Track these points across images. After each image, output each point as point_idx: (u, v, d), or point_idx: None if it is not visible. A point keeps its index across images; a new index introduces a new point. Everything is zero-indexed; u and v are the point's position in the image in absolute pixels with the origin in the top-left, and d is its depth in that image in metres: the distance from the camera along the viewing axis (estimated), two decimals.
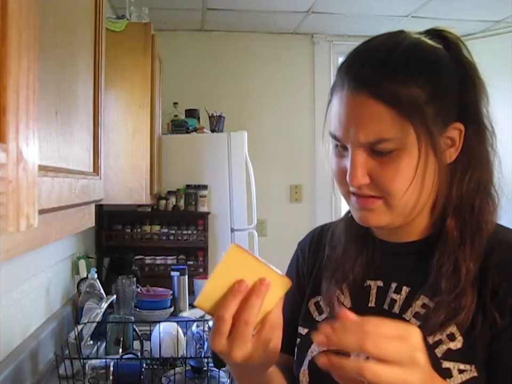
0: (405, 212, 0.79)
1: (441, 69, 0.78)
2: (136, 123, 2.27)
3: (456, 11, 3.27)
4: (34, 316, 1.78)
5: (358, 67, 0.77)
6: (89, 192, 0.83)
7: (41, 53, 0.49)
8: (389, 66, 0.75)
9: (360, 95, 0.74)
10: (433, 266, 0.79)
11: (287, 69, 3.80)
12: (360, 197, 0.78)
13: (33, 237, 0.56)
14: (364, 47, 0.81)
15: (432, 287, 0.78)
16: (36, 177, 0.42)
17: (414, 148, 0.75)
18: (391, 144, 0.74)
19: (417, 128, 0.74)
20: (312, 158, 3.77)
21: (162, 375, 1.67)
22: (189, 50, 3.70)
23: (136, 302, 2.40)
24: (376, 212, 0.78)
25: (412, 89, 0.73)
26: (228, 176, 3.12)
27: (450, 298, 0.75)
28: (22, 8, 0.39)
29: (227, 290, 0.68)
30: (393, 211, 0.78)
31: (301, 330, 0.90)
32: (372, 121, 0.74)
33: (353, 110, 0.76)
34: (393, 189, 0.76)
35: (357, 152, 0.76)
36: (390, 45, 0.78)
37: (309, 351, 0.87)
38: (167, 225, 3.07)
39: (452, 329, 0.76)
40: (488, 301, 0.75)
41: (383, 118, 0.73)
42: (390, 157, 0.75)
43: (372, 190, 0.77)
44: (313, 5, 3.22)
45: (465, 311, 0.74)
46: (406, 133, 0.74)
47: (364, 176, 0.76)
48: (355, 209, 0.81)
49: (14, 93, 0.37)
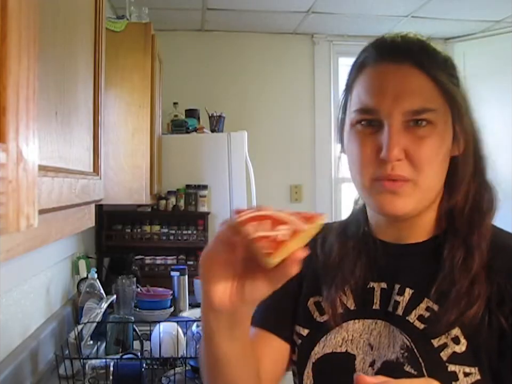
0: (428, 196, 0.80)
1: (455, 67, 0.83)
2: (136, 123, 2.27)
3: (456, 11, 3.27)
4: (34, 316, 1.78)
5: (396, 42, 0.80)
6: (89, 192, 0.83)
7: (41, 53, 0.49)
8: (425, 47, 0.80)
9: (404, 64, 0.77)
10: (444, 259, 0.79)
11: (287, 69, 3.80)
12: (389, 181, 0.77)
13: (33, 237, 0.56)
14: (386, 35, 0.83)
15: (438, 290, 0.78)
16: (35, 177, 0.42)
17: (447, 125, 0.78)
18: (432, 115, 0.76)
19: (451, 106, 0.78)
20: (312, 158, 3.77)
21: (162, 375, 1.67)
22: (189, 50, 3.70)
23: (136, 302, 2.40)
24: (403, 196, 0.77)
25: (444, 71, 0.78)
26: (228, 176, 3.12)
27: (464, 288, 0.75)
28: (22, 8, 0.39)
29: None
30: (418, 194, 0.78)
31: (301, 331, 0.89)
32: (416, 90, 0.76)
33: (397, 79, 0.77)
34: (427, 165, 0.76)
35: (396, 123, 0.76)
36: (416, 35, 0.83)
37: (312, 353, 0.86)
38: (167, 225, 3.07)
39: (457, 332, 0.75)
40: (494, 304, 0.75)
41: (426, 89, 0.77)
42: (425, 132, 0.76)
43: (404, 170, 0.76)
44: (313, 5, 3.22)
45: (477, 304, 0.74)
46: (444, 108, 0.77)
47: (401, 151, 0.76)
48: (378, 195, 0.79)
49: (14, 93, 0.37)
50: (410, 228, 0.84)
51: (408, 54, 0.78)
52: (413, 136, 0.76)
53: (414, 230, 0.84)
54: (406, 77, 0.77)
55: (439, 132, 0.77)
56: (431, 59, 0.78)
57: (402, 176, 0.76)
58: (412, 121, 0.76)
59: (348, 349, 0.84)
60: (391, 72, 0.78)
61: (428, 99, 0.76)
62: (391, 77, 0.77)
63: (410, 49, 0.79)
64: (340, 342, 0.84)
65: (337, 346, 0.84)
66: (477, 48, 3.72)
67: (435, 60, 0.79)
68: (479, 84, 3.53)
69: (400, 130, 0.76)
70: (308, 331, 0.89)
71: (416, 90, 0.76)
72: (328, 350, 0.85)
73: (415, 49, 0.79)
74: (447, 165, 0.80)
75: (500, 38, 3.62)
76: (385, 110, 0.76)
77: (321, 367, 0.85)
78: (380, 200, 0.79)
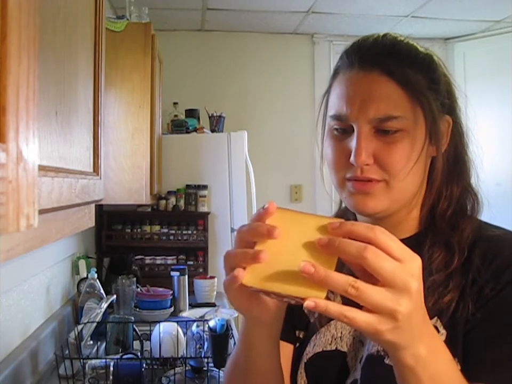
0: (402, 197, 0.80)
1: (436, 66, 0.83)
2: (136, 123, 2.27)
3: (456, 11, 3.27)
4: (34, 316, 1.78)
5: (366, 50, 0.81)
6: (89, 192, 0.83)
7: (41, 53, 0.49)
8: (396, 52, 0.80)
9: (372, 73, 0.77)
10: (424, 254, 0.79)
11: (287, 69, 3.80)
12: (358, 181, 0.78)
13: (33, 237, 0.56)
14: (364, 38, 0.84)
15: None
16: (35, 177, 0.42)
17: (419, 130, 0.78)
18: (398, 123, 0.76)
19: (424, 110, 0.78)
20: (312, 158, 3.77)
21: (162, 375, 1.67)
22: (188, 50, 3.70)
23: (136, 302, 2.40)
24: (374, 196, 0.78)
25: (417, 74, 0.78)
26: (228, 176, 3.12)
27: (441, 278, 0.77)
28: (22, 8, 0.39)
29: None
30: (391, 195, 0.78)
31: (299, 334, 0.91)
32: (382, 98, 0.76)
33: (364, 87, 0.78)
34: (397, 171, 0.77)
35: (364, 130, 0.77)
36: (392, 38, 0.83)
37: (304, 354, 0.87)
38: (167, 225, 3.07)
39: (435, 323, 0.76)
40: (468, 292, 0.76)
41: (393, 96, 0.77)
42: (395, 138, 0.76)
43: (373, 173, 0.77)
44: (313, 5, 3.22)
45: (451, 293, 0.75)
46: (413, 114, 0.77)
47: (369, 156, 0.76)
48: (351, 196, 0.80)
49: (14, 93, 0.37)
50: (393, 225, 0.84)
51: (376, 61, 0.78)
52: (382, 142, 0.77)
53: (398, 227, 0.84)
54: (373, 84, 0.77)
55: (410, 137, 0.77)
56: (402, 63, 0.78)
57: (373, 178, 0.77)
58: (381, 130, 0.77)
59: (337, 346, 0.85)
60: (359, 80, 0.79)
61: (395, 106, 0.76)
62: (359, 85, 0.78)
63: (379, 56, 0.79)
64: (329, 340, 0.86)
65: (326, 344, 0.86)
66: (477, 48, 3.72)
67: (408, 63, 0.78)
68: (479, 83, 3.53)
69: (369, 136, 0.77)
70: (303, 333, 0.90)
71: (382, 97, 0.76)
72: (318, 349, 0.86)
73: (384, 54, 0.79)
74: (424, 166, 0.81)
75: (500, 38, 3.62)
76: (353, 117, 0.78)
77: (313, 366, 0.86)
78: (352, 200, 0.81)
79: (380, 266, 0.54)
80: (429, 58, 0.83)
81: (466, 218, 0.83)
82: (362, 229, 0.56)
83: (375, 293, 0.54)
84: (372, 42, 0.82)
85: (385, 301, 0.55)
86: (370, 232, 0.56)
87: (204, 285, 2.71)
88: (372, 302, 0.54)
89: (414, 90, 0.77)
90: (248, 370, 0.80)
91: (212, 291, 2.73)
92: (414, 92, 0.77)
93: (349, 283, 0.54)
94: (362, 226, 0.57)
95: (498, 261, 0.76)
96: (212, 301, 2.71)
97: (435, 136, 0.79)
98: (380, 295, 0.54)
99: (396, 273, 0.55)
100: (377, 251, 0.55)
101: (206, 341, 1.77)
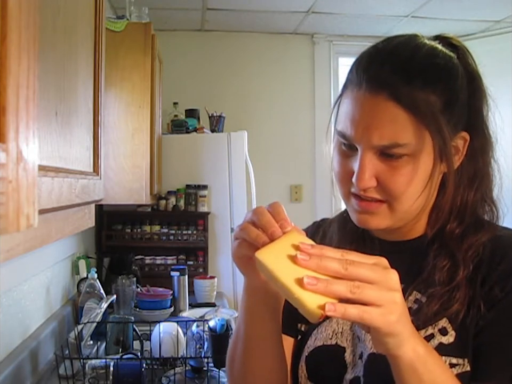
0: (406, 216, 0.80)
1: (456, 78, 0.78)
2: (136, 123, 2.27)
3: (456, 11, 3.27)
4: (34, 316, 1.78)
5: (377, 66, 0.75)
6: (89, 192, 0.83)
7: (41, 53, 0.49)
8: (409, 71, 0.74)
9: (379, 96, 0.73)
10: (429, 261, 0.80)
11: (287, 69, 3.80)
12: (363, 200, 0.78)
13: (33, 237, 0.56)
14: (383, 46, 0.79)
15: (424, 281, 0.79)
16: (35, 177, 0.42)
17: (427, 154, 0.75)
18: (404, 150, 0.73)
19: (433, 135, 0.74)
20: (312, 158, 3.77)
21: (162, 375, 1.67)
22: (189, 50, 3.70)
23: (136, 302, 2.40)
24: (378, 216, 0.78)
25: (429, 96, 0.73)
26: (228, 176, 3.12)
27: (444, 290, 0.76)
28: (22, 8, 0.39)
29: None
30: (395, 215, 0.78)
31: (302, 327, 0.92)
32: (388, 124, 0.73)
33: (370, 110, 0.74)
34: (400, 194, 0.75)
35: (367, 154, 0.75)
36: (410, 49, 0.77)
37: (305, 347, 0.88)
38: (167, 225, 3.07)
39: (444, 324, 0.76)
40: (478, 293, 0.76)
41: (399, 122, 0.73)
42: (400, 162, 0.74)
43: (377, 193, 0.77)
44: (313, 5, 3.22)
45: (458, 303, 0.75)
46: (421, 139, 0.74)
47: (371, 179, 0.75)
48: (354, 212, 0.81)
49: (14, 93, 0.37)
50: (400, 230, 0.84)
51: (384, 83, 0.73)
52: (386, 165, 0.75)
53: (405, 231, 0.85)
54: (379, 108, 0.73)
55: (415, 161, 0.74)
56: (414, 85, 0.73)
57: (375, 198, 0.77)
58: (385, 154, 0.75)
59: (337, 341, 0.86)
60: (365, 103, 0.74)
61: (400, 132, 0.73)
62: (364, 108, 0.75)
63: (389, 76, 0.73)
64: (330, 334, 0.86)
65: (327, 338, 0.86)
66: (477, 48, 3.70)
67: (421, 84, 0.73)
68: None
69: (373, 159, 0.75)
70: (305, 326, 0.91)
71: (387, 123, 0.73)
72: (319, 343, 0.87)
73: (394, 76, 0.73)
74: (431, 184, 0.78)
75: (499, 38, 3.62)
76: (357, 140, 0.75)
77: (313, 360, 0.87)
78: (354, 216, 0.82)
79: (360, 272, 0.60)
80: (448, 69, 0.77)
81: (479, 232, 0.80)
82: (332, 252, 0.61)
83: (372, 288, 0.59)
84: (385, 56, 0.77)
85: (382, 293, 0.60)
86: (339, 254, 0.61)
87: (204, 285, 2.71)
88: (373, 296, 0.59)
89: (422, 115, 0.73)
90: (246, 337, 0.82)
91: (212, 291, 2.73)
92: (422, 117, 0.73)
93: (350, 285, 0.59)
94: (331, 250, 0.61)
95: (507, 260, 0.76)
96: (212, 301, 2.71)
97: (445, 156, 0.76)
98: (376, 289, 0.60)
99: (375, 271, 0.60)
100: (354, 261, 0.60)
101: (206, 341, 1.77)
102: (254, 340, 0.81)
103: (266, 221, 0.66)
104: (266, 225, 0.66)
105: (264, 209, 0.68)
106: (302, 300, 0.59)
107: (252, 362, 0.83)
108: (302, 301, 0.59)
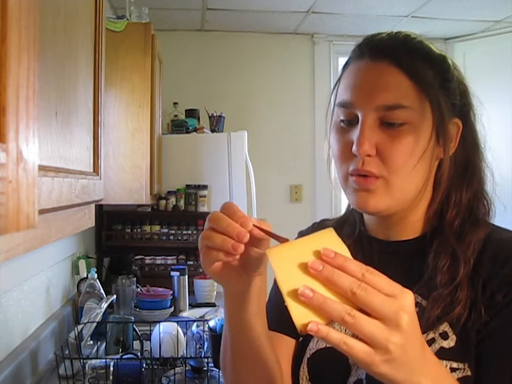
0: (404, 196, 0.79)
1: (448, 67, 0.82)
2: (136, 123, 2.27)
3: (456, 11, 3.27)
4: (34, 316, 1.78)
5: (378, 40, 0.81)
6: (89, 192, 0.83)
7: (41, 53, 0.49)
8: (408, 47, 0.79)
9: (381, 62, 0.77)
10: (429, 262, 0.79)
11: (287, 69, 3.80)
12: (360, 177, 0.78)
13: (33, 237, 0.56)
14: (377, 33, 0.84)
15: (426, 284, 0.79)
16: (35, 177, 0.42)
17: (425, 125, 0.77)
18: (406, 113, 0.75)
19: (433, 107, 0.76)
20: (312, 158, 3.77)
21: (162, 375, 1.67)
22: (189, 50, 3.70)
23: (136, 302, 2.40)
24: (375, 194, 0.78)
25: (428, 69, 0.78)
26: (228, 176, 3.12)
27: (446, 292, 0.76)
28: (22, 8, 0.39)
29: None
30: (392, 193, 0.78)
31: None
32: (390, 87, 0.76)
33: (372, 75, 0.77)
34: (398, 165, 0.76)
35: (368, 120, 0.76)
36: (405, 35, 0.82)
37: (307, 349, 0.88)
38: (167, 225, 3.07)
39: (445, 328, 0.76)
40: (479, 297, 0.75)
41: (402, 86, 0.76)
42: (399, 131, 0.76)
43: (374, 166, 0.76)
44: (313, 5, 3.22)
45: (460, 305, 0.75)
46: (421, 109, 0.76)
47: (372, 147, 0.76)
48: (353, 192, 0.80)
49: (14, 93, 0.37)
50: (398, 225, 0.84)
51: (387, 51, 0.78)
52: (386, 134, 0.76)
53: (403, 228, 0.84)
54: (382, 73, 0.77)
55: (415, 132, 0.76)
56: (413, 56, 0.78)
57: (372, 172, 0.77)
58: (387, 122, 0.76)
59: None
60: (369, 69, 0.78)
61: (403, 96, 0.75)
62: (368, 73, 0.78)
63: (390, 47, 0.79)
64: None
65: None
66: (477, 48, 3.72)
67: (420, 58, 0.78)
68: (479, 84, 3.53)
69: (373, 127, 0.76)
70: None
71: (391, 86, 0.76)
72: (322, 345, 0.86)
73: (395, 46, 0.79)
74: (428, 166, 0.79)
75: (500, 38, 3.62)
76: (359, 105, 0.77)
77: (315, 362, 0.86)
78: (353, 198, 0.81)
79: (369, 300, 0.54)
80: (442, 58, 0.82)
81: (476, 227, 0.80)
82: (353, 267, 0.56)
83: (369, 323, 0.54)
84: (384, 36, 0.82)
85: (378, 332, 0.54)
86: (360, 273, 0.56)
87: (204, 285, 2.71)
88: (365, 331, 0.54)
89: (423, 84, 0.76)
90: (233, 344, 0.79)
91: (212, 291, 2.73)
92: (423, 85, 0.76)
93: (346, 311, 0.54)
94: (354, 265, 0.56)
95: (510, 265, 0.75)
96: (211, 301, 2.71)
97: (442, 136, 0.78)
98: (373, 326, 0.54)
99: (385, 305, 0.55)
100: (368, 287, 0.55)
101: (206, 341, 1.77)
102: (241, 347, 0.79)
103: (227, 225, 0.62)
104: (228, 228, 0.61)
105: (219, 213, 0.64)
106: (289, 310, 0.56)
107: (242, 372, 0.82)
108: (290, 311, 0.56)
